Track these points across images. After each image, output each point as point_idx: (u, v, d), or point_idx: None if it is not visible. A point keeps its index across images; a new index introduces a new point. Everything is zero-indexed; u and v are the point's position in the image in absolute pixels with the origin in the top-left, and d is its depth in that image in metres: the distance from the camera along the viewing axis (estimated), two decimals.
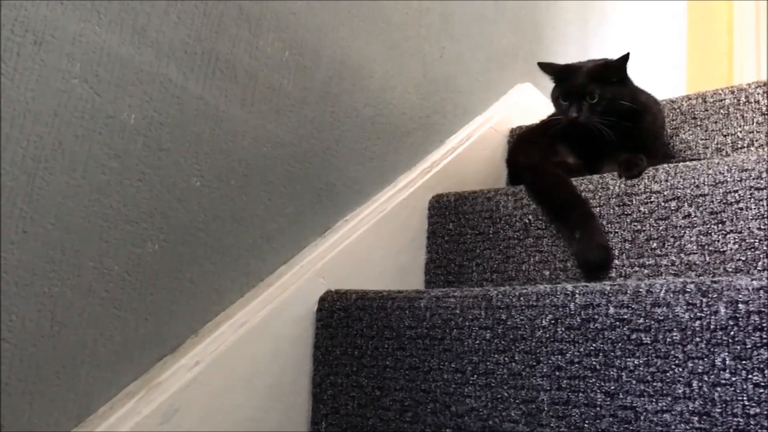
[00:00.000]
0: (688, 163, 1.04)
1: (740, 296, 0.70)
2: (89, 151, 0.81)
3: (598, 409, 0.75)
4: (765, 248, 0.93)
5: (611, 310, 0.77)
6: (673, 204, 1.01)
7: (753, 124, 1.25)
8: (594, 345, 0.77)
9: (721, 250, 0.96)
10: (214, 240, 0.94)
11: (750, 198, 0.95)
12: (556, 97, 1.26)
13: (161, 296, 0.88)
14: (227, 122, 0.96)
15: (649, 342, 0.74)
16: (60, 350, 0.78)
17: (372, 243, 1.13)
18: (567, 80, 1.24)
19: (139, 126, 0.86)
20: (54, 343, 0.78)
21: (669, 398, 0.71)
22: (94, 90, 0.81)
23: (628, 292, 0.76)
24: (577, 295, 0.80)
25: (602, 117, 1.17)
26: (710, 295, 0.71)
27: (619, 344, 0.75)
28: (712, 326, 0.71)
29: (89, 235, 0.81)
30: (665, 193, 1.03)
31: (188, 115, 0.91)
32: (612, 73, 1.21)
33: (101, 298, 0.82)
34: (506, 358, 0.83)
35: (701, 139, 1.30)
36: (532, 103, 1.63)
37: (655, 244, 1.01)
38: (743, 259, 0.94)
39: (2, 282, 0.74)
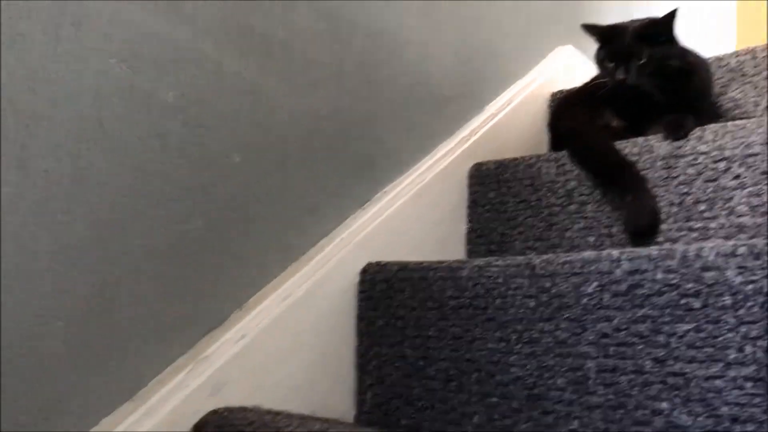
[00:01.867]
0: (737, 122, 1.00)
1: None
2: (130, 131, 0.82)
3: (646, 375, 0.74)
4: None
5: (659, 276, 0.75)
6: (722, 165, 0.98)
7: None
8: (641, 311, 0.75)
9: None
10: (256, 215, 0.95)
11: None
12: (601, 59, 1.23)
13: (206, 271, 0.89)
14: (264, 96, 0.96)
15: (698, 307, 0.72)
16: (111, 326, 0.80)
17: (412, 214, 1.13)
18: (613, 41, 1.20)
19: (178, 103, 0.86)
20: (105, 320, 0.79)
21: (721, 364, 0.70)
22: (132, 69, 0.82)
23: (677, 256, 0.74)
24: (623, 261, 0.78)
25: (650, 78, 1.14)
26: (763, 258, 0.69)
27: (668, 310, 0.74)
28: (765, 290, 0.68)
29: (134, 213, 0.82)
30: (713, 154, 0.99)
31: (226, 91, 0.91)
32: (659, 31, 1.16)
33: (148, 275, 0.84)
34: (551, 327, 0.82)
35: (751, 97, 1.25)
36: (573, 66, 1.58)
37: (703, 207, 0.98)
38: None
39: (55, 261, 0.76)
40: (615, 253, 0.80)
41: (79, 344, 0.77)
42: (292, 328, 0.93)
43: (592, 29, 1.25)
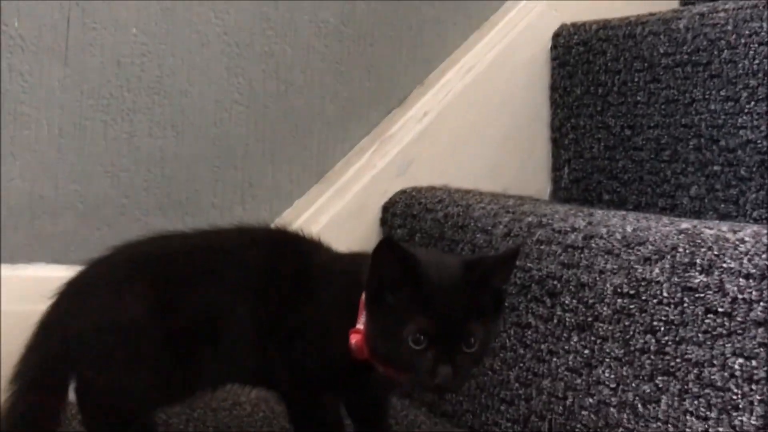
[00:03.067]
0: None
1: None
2: None
3: None
4: None
5: None
6: None
7: None
8: None
9: None
10: None
11: None
12: None
13: (381, 47, 0.82)
14: None
15: None
16: (290, 110, 0.78)
17: None
18: None
19: None
20: (283, 104, 0.77)
21: None
22: None
23: None
24: None
25: None
26: None
27: None
28: None
29: None
30: None
31: None
32: None
33: (321, 54, 0.79)
34: None
35: None
36: None
37: None
38: None
39: (224, 43, 0.73)
40: None
41: (263, 129, 0.76)
42: (478, 102, 0.86)
43: None
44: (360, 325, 0.50)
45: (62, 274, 0.54)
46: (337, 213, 0.78)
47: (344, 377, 0.52)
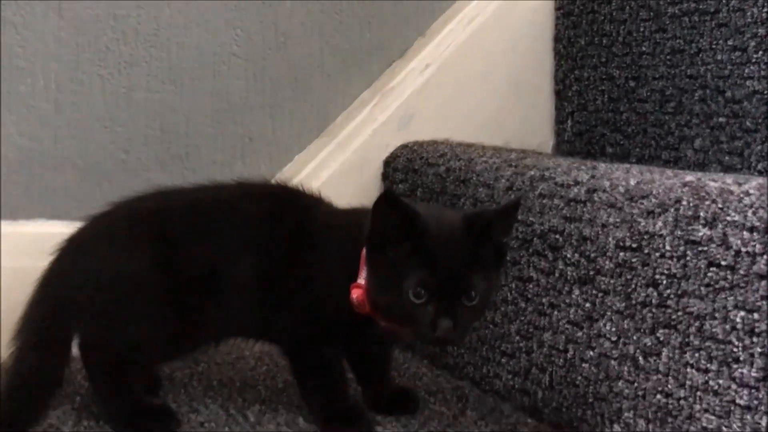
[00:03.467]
0: None
1: None
2: None
3: None
4: None
5: None
6: None
7: None
8: None
9: None
10: None
11: None
12: None
13: None
14: None
15: None
16: (289, 62, 0.77)
17: None
18: None
19: None
20: (282, 56, 0.76)
21: None
22: None
23: None
24: None
25: None
26: None
27: None
28: None
29: None
30: None
31: None
32: None
33: (321, 4, 0.77)
34: None
35: None
36: None
37: None
38: None
39: None
40: None
41: (262, 82, 0.75)
42: (481, 54, 0.84)
43: None
44: (361, 280, 0.50)
45: (62, 230, 0.54)
46: (338, 168, 0.77)
47: (346, 331, 0.53)
